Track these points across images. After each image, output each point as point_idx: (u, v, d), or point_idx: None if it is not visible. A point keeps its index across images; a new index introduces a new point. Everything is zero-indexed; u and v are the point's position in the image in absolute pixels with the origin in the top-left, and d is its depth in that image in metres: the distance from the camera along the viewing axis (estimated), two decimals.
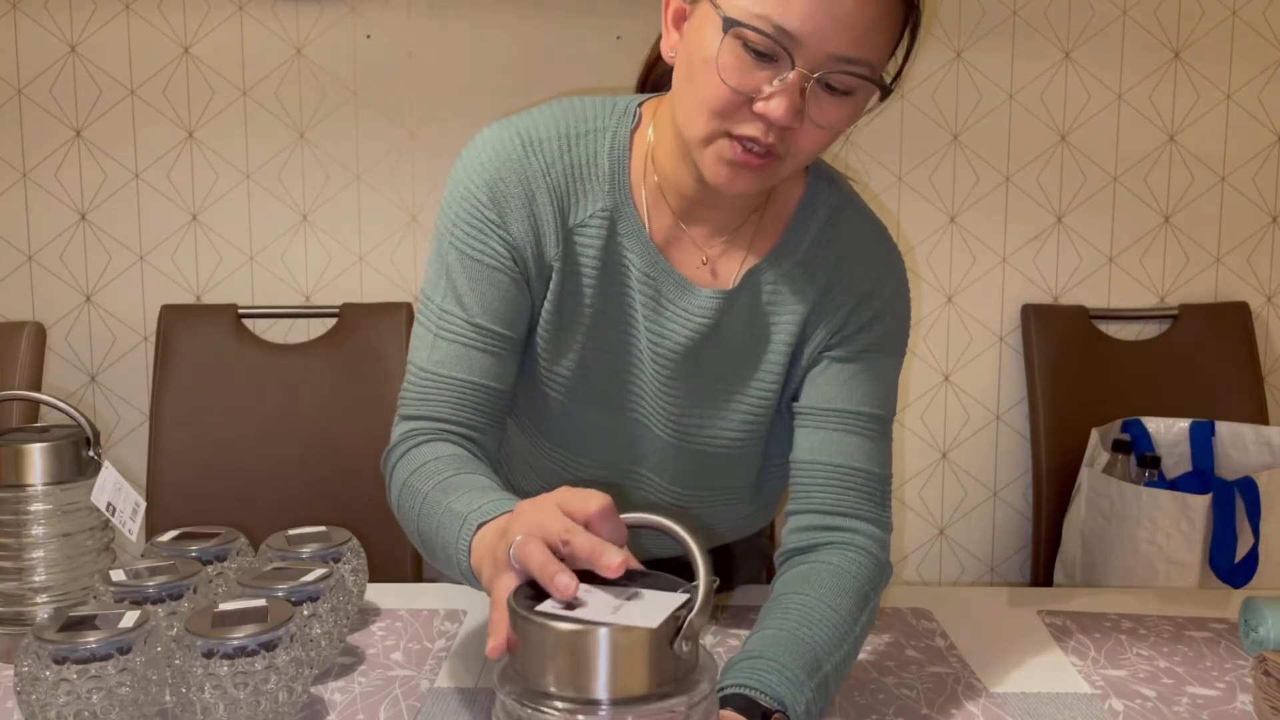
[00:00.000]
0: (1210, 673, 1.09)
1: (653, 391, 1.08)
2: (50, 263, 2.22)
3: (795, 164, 0.96)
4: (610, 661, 0.65)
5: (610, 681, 0.65)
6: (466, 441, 1.03)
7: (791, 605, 0.97)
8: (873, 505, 1.06)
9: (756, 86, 0.90)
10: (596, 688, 0.65)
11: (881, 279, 1.09)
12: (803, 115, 0.91)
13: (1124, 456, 1.99)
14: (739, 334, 1.07)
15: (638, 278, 1.05)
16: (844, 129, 0.96)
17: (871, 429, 1.07)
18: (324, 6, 2.15)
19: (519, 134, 1.03)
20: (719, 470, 1.13)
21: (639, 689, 0.66)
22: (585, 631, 0.65)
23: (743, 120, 0.92)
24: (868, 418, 1.07)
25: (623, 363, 1.08)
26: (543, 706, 0.66)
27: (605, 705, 0.65)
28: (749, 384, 1.08)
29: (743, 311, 1.07)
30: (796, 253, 1.07)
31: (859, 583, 1.01)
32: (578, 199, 1.04)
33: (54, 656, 0.88)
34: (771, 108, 0.90)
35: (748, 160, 0.93)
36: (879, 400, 1.08)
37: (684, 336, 1.06)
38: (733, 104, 0.91)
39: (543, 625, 0.66)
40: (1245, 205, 2.27)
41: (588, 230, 1.04)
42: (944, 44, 2.19)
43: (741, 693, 0.87)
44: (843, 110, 0.93)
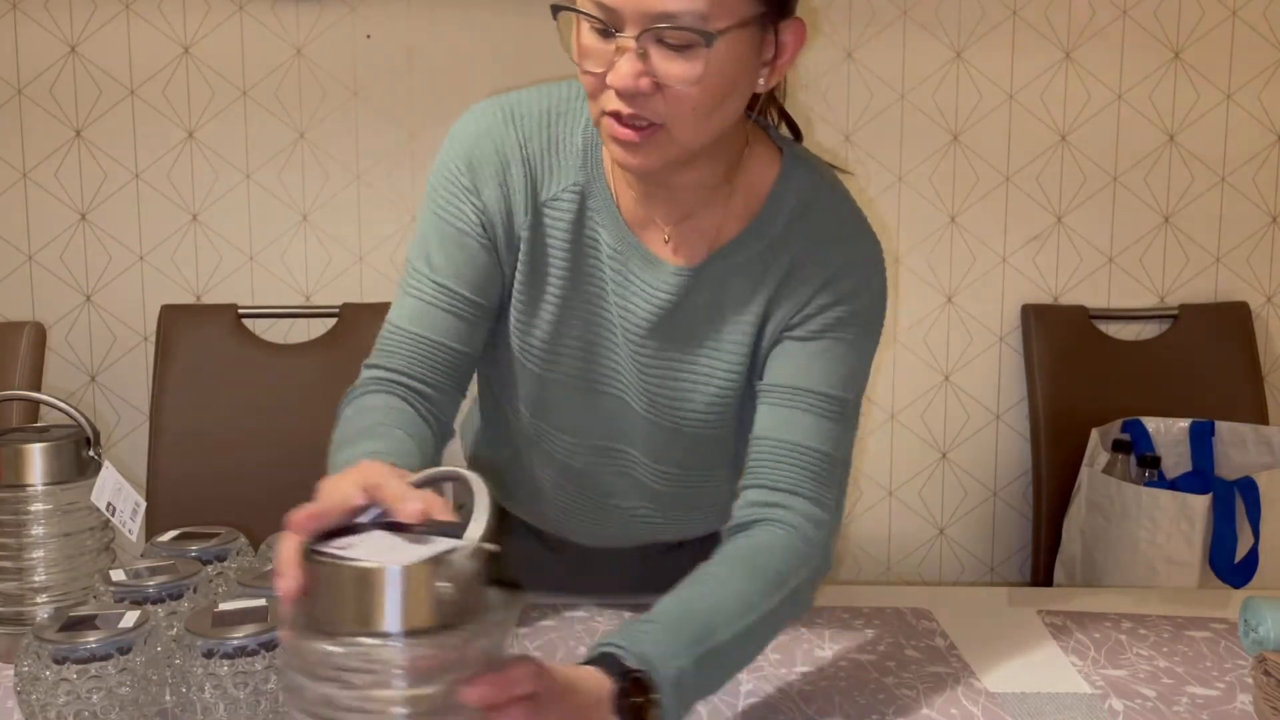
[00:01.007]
0: (1210, 673, 1.09)
1: (626, 366, 1.10)
2: (50, 263, 2.22)
3: (685, 130, 0.96)
4: (366, 596, 0.69)
5: (363, 615, 0.69)
6: (416, 396, 1.06)
7: (701, 576, 0.98)
8: (816, 484, 1.05)
9: (603, 61, 0.94)
10: (361, 620, 0.69)
11: (851, 262, 1.09)
12: (650, 77, 0.93)
13: (1124, 456, 1.99)
14: (703, 311, 1.08)
15: (607, 252, 1.08)
16: (716, 85, 0.94)
17: (827, 409, 1.06)
18: (324, 6, 2.15)
19: (503, 109, 1.09)
20: (696, 448, 1.13)
21: (390, 624, 0.69)
22: (338, 568, 0.70)
23: (606, 97, 0.95)
24: (824, 397, 1.06)
25: (596, 336, 1.10)
26: (317, 639, 0.70)
27: (364, 636, 0.69)
28: (715, 361, 1.10)
29: (707, 290, 1.08)
30: (765, 236, 1.08)
31: (777, 560, 1.00)
32: (551, 173, 1.07)
33: (54, 656, 0.88)
34: (615, 75, 0.93)
35: (624, 134, 0.95)
36: (839, 382, 1.07)
37: (649, 311, 1.08)
38: (596, 85, 0.95)
39: (313, 565, 0.71)
40: (1245, 205, 2.27)
41: (559, 204, 1.07)
42: (944, 44, 2.19)
43: (609, 651, 0.88)
44: (694, 66, 0.92)
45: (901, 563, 2.33)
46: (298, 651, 0.71)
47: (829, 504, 1.05)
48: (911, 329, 2.25)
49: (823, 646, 1.15)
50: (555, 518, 1.27)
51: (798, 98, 2.21)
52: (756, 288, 1.07)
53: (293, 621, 0.72)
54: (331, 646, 0.69)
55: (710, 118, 0.97)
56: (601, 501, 1.21)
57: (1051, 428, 2.16)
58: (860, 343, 1.10)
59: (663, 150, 0.97)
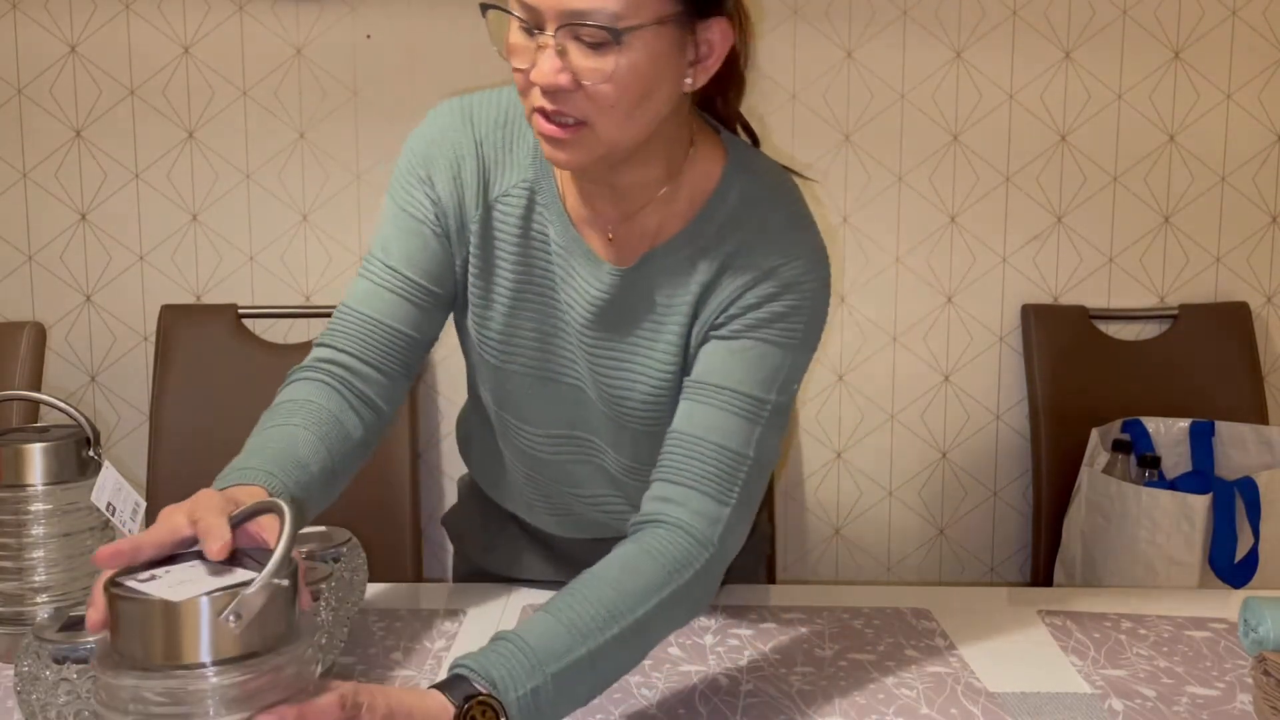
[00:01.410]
0: (1210, 673, 1.09)
1: (575, 356, 1.14)
2: (50, 263, 2.22)
3: (609, 127, 0.98)
4: (166, 629, 0.72)
5: (164, 648, 0.72)
6: (355, 379, 1.11)
7: (576, 585, 0.97)
8: (721, 481, 1.04)
9: (528, 59, 0.97)
10: (155, 653, 0.72)
11: (784, 265, 1.08)
12: (569, 73, 0.95)
13: (1124, 456, 1.99)
14: (638, 308, 1.11)
15: (554, 247, 1.11)
16: (636, 84, 0.96)
17: (743, 408, 1.06)
18: (324, 6, 2.15)
19: (463, 108, 1.14)
20: (648, 441, 1.14)
21: (191, 656, 0.72)
22: (141, 602, 0.73)
23: (532, 94, 0.98)
24: (742, 396, 1.06)
25: (550, 328, 1.14)
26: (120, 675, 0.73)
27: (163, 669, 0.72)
28: (650, 357, 1.12)
29: (641, 287, 1.10)
30: (702, 236, 1.09)
31: (657, 565, 0.99)
32: (504, 170, 1.12)
33: (54, 656, 0.89)
34: (536, 72, 0.96)
35: (551, 131, 0.98)
36: (760, 382, 1.07)
37: (588, 306, 1.11)
38: (525, 83, 0.98)
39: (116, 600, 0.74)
40: (1245, 205, 2.27)
41: (509, 200, 1.11)
42: (944, 44, 2.19)
43: (460, 673, 0.88)
44: (606, 63, 0.95)
45: (901, 563, 2.33)
46: (101, 685, 0.73)
47: (729, 500, 1.04)
48: (911, 329, 2.25)
49: (823, 646, 1.15)
50: (532, 508, 1.29)
51: (798, 98, 2.21)
52: (688, 285, 1.09)
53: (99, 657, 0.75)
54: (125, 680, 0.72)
55: (633, 116, 0.98)
56: (571, 492, 1.24)
57: (1051, 428, 2.16)
58: (788, 345, 1.09)
59: (589, 147, 0.99)
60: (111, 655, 0.74)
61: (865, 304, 2.24)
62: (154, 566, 0.79)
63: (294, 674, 0.76)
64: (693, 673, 1.09)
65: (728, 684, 1.07)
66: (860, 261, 2.23)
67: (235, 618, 0.72)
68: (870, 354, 2.26)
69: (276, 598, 0.75)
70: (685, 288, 1.09)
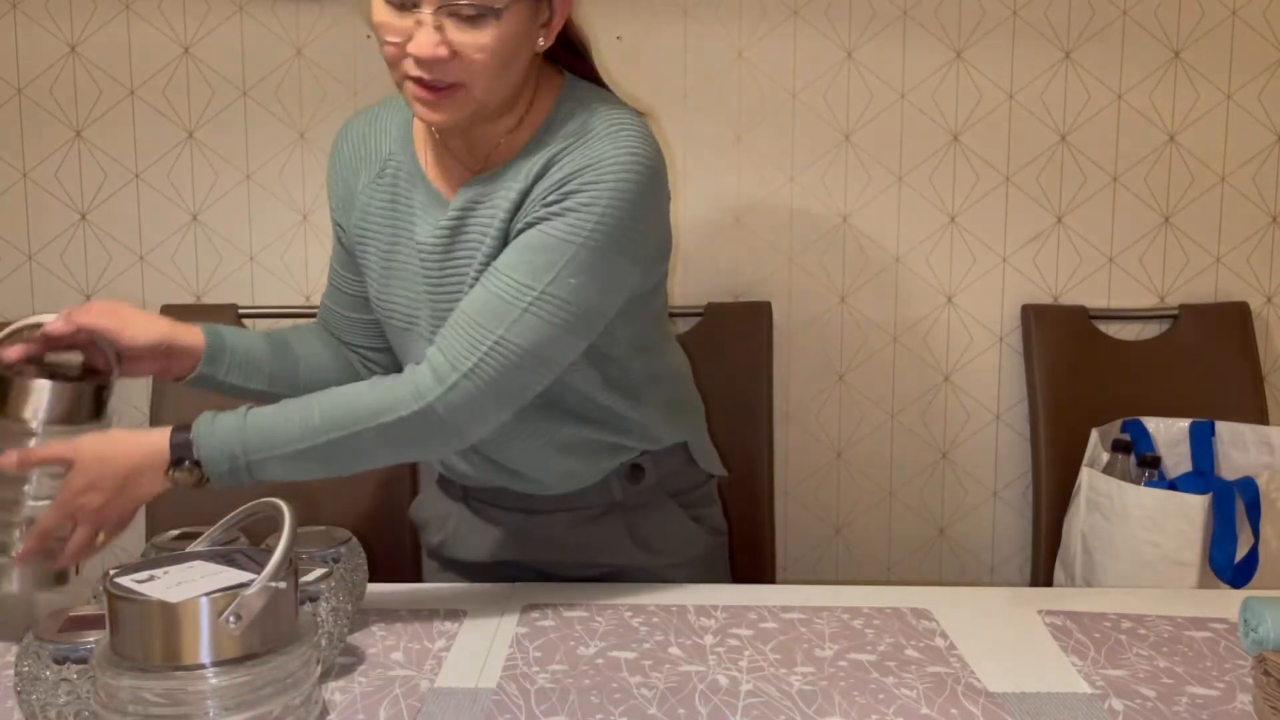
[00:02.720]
0: (1210, 673, 1.09)
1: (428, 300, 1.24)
2: (50, 263, 2.22)
3: (482, 88, 1.12)
4: (165, 630, 0.73)
5: (163, 649, 0.73)
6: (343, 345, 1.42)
7: (310, 396, 1.16)
8: (457, 347, 1.12)
9: (404, 34, 1.09)
10: (154, 654, 0.74)
11: (589, 167, 1.14)
12: (448, 46, 1.07)
13: (1124, 456, 1.99)
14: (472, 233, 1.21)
15: (418, 207, 1.25)
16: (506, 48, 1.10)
17: (504, 290, 1.13)
18: (324, 6, 2.15)
19: (349, 121, 1.35)
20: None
21: (190, 657, 0.73)
22: (140, 603, 0.74)
23: (407, 65, 1.11)
24: (504, 278, 1.13)
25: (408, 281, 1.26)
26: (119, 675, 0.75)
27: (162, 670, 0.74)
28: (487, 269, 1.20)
29: (476, 209, 1.21)
30: (529, 155, 1.19)
31: (376, 397, 1.13)
32: (375, 153, 1.29)
33: (54, 656, 0.89)
34: (415, 46, 1.08)
35: (426, 95, 1.11)
36: (530, 269, 1.13)
37: (433, 241, 1.23)
38: (396, 55, 1.11)
39: (116, 600, 0.76)
40: (1245, 205, 2.27)
41: (381, 180, 1.28)
42: (944, 44, 2.19)
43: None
44: (484, 35, 1.08)
45: (901, 563, 2.33)
46: (101, 686, 0.74)
47: (464, 368, 1.11)
48: (911, 329, 2.25)
49: (823, 646, 1.15)
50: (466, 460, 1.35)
51: (798, 98, 2.21)
52: (513, 191, 1.19)
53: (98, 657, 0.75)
54: (125, 681, 0.72)
55: (501, 76, 1.12)
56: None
57: (1051, 428, 2.16)
58: (571, 240, 1.13)
59: (461, 105, 1.12)
60: (111, 656, 0.74)
61: (865, 304, 2.24)
62: (154, 566, 0.79)
63: (294, 674, 0.76)
64: (693, 673, 1.09)
65: (728, 684, 1.07)
66: (860, 261, 2.23)
67: (235, 619, 0.72)
68: (870, 354, 2.26)
69: (276, 598, 0.75)
70: (511, 192, 1.19)
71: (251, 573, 0.77)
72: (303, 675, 0.77)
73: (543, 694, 1.03)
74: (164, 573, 0.78)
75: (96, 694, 0.75)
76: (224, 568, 0.79)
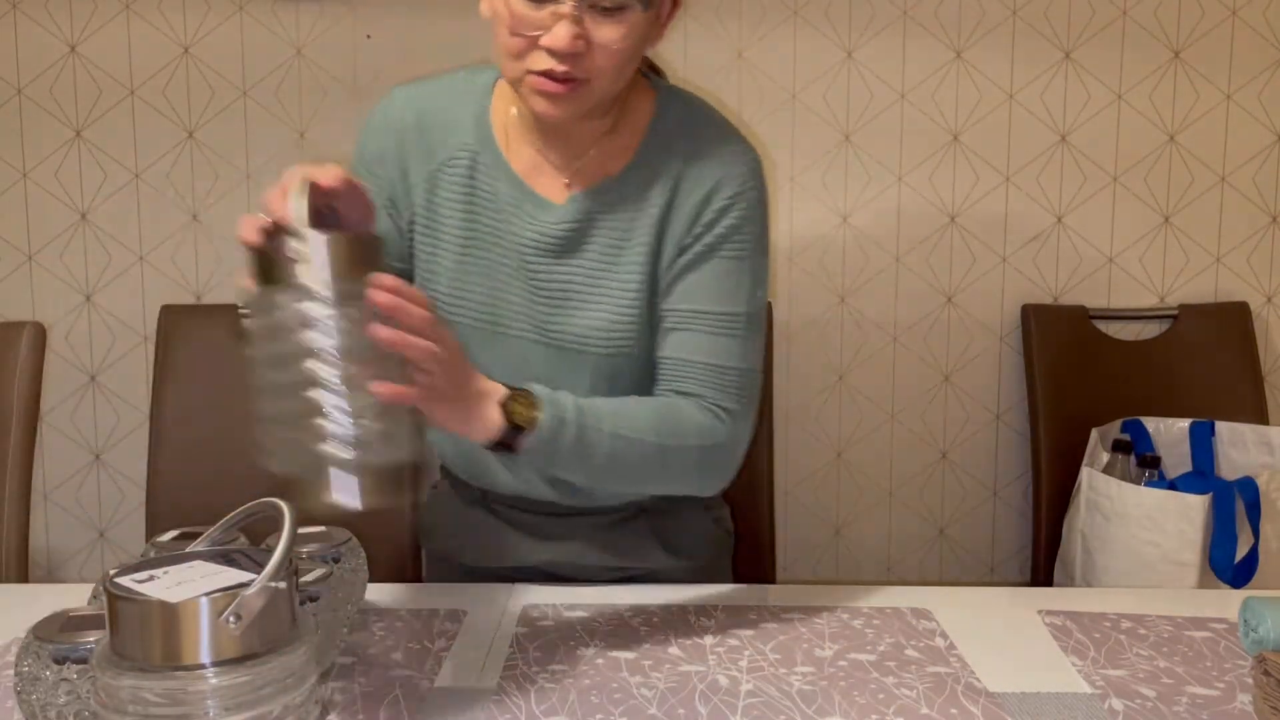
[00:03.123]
0: (1210, 673, 1.09)
1: (526, 304, 1.21)
2: (50, 263, 2.22)
3: (603, 82, 1.10)
4: (165, 630, 0.73)
5: (163, 649, 0.73)
6: None
7: (629, 401, 1.14)
8: (725, 395, 1.17)
9: (538, 26, 1.06)
10: (154, 654, 0.73)
11: (728, 175, 1.19)
12: (586, 39, 1.06)
13: (1124, 456, 1.99)
14: (598, 239, 1.19)
15: (504, 202, 1.20)
16: (635, 42, 1.09)
17: (720, 326, 1.17)
18: (324, 6, 2.15)
19: (409, 90, 1.26)
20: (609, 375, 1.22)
21: (190, 657, 0.73)
22: (140, 603, 0.73)
23: (536, 58, 1.08)
24: (723, 316, 1.18)
25: (496, 283, 1.21)
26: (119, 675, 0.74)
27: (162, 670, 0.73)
28: (611, 284, 1.20)
29: (599, 218, 1.19)
30: (648, 164, 1.19)
31: (681, 411, 1.15)
32: (444, 141, 1.22)
33: (54, 656, 0.89)
34: (553, 39, 1.05)
35: (553, 88, 1.08)
36: (729, 297, 1.18)
37: (548, 245, 1.19)
38: (524, 47, 1.08)
39: (116, 600, 0.75)
40: (1245, 205, 2.27)
41: (453, 166, 1.22)
42: (944, 44, 2.19)
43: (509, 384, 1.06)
44: (620, 27, 1.07)
45: (901, 563, 2.33)
46: (101, 686, 0.74)
47: (736, 410, 1.18)
48: (911, 329, 2.25)
49: (823, 646, 1.15)
50: (490, 472, 1.33)
51: (798, 98, 2.21)
52: (645, 212, 1.19)
53: (98, 657, 0.76)
54: (124, 681, 0.72)
55: (623, 72, 1.12)
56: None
57: (1051, 428, 2.16)
58: (745, 256, 1.19)
59: (582, 101, 1.11)
60: (111, 656, 0.74)
61: (865, 304, 2.24)
62: (154, 566, 0.79)
63: (294, 674, 0.76)
64: (693, 673, 1.09)
65: (728, 684, 1.07)
66: (860, 261, 2.23)
67: (235, 619, 0.72)
68: (870, 354, 2.26)
69: (276, 598, 0.75)
70: (644, 212, 1.19)
71: (251, 573, 0.77)
72: (303, 675, 0.77)
73: (543, 694, 1.03)
74: (164, 573, 0.78)
75: (96, 694, 0.75)
76: (224, 568, 0.79)
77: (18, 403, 1.82)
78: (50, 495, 2.29)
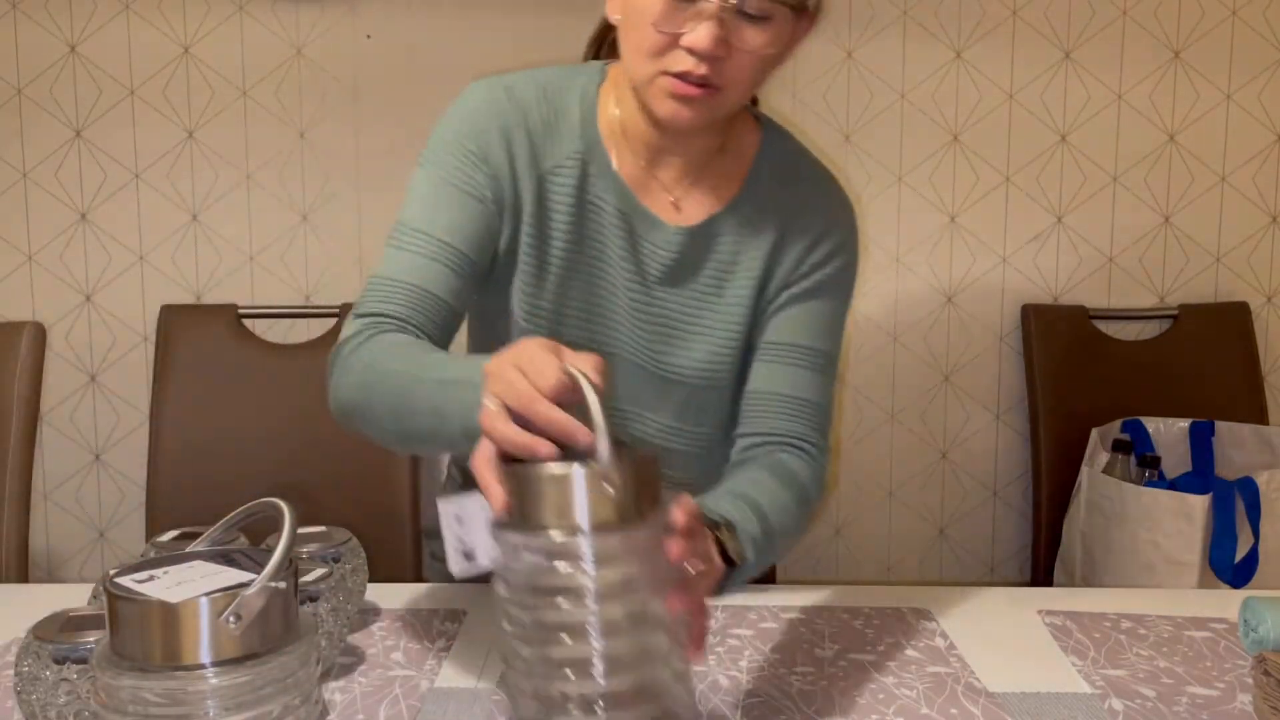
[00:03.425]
0: (1210, 673, 1.09)
1: (627, 323, 1.18)
2: (50, 263, 2.22)
3: (734, 93, 1.07)
4: (165, 630, 0.73)
5: (163, 649, 0.73)
6: (422, 337, 1.08)
7: (738, 474, 1.11)
8: (815, 433, 1.18)
9: (681, 24, 1.02)
10: (154, 654, 0.73)
11: (834, 222, 1.20)
12: (727, 44, 1.02)
13: (1124, 456, 1.99)
14: (706, 269, 1.17)
15: (611, 215, 1.15)
16: (774, 54, 1.06)
17: (815, 362, 1.18)
18: (324, 6, 2.15)
19: (502, 85, 1.16)
20: (698, 405, 1.21)
21: (190, 657, 0.73)
22: (140, 603, 0.73)
23: (674, 58, 1.03)
24: (814, 352, 1.18)
25: (599, 297, 1.17)
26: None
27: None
28: (717, 316, 1.18)
29: (709, 248, 1.17)
30: (756, 197, 1.18)
31: (794, 473, 1.13)
32: (552, 144, 1.15)
33: (54, 656, 0.88)
34: (696, 39, 1.01)
35: (687, 90, 1.04)
36: (826, 336, 1.19)
37: (655, 269, 1.16)
38: (663, 44, 1.03)
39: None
40: (1245, 205, 2.27)
41: (562, 172, 1.15)
42: (944, 44, 2.19)
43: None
44: (764, 35, 1.04)
45: (901, 563, 2.33)
46: (101, 686, 0.75)
47: (824, 446, 1.19)
48: (911, 329, 2.25)
49: (823, 646, 1.15)
50: None
51: (798, 98, 2.21)
52: (754, 246, 1.17)
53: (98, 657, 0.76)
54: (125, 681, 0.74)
55: (755, 84, 1.08)
56: None
57: (1051, 428, 2.16)
58: (842, 297, 1.22)
59: (712, 110, 1.07)
60: (111, 656, 0.74)
61: (865, 304, 2.24)
62: (154, 566, 0.79)
63: (294, 674, 0.76)
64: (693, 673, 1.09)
65: (728, 684, 1.07)
66: (860, 261, 2.23)
67: (235, 619, 0.72)
68: (870, 354, 2.26)
69: (276, 598, 0.75)
70: (754, 246, 1.17)
71: (251, 573, 0.77)
72: (303, 675, 0.77)
73: None
74: (164, 573, 0.78)
75: (96, 694, 0.75)
76: (224, 568, 0.79)
77: (18, 403, 1.82)
78: (50, 495, 2.29)
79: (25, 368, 1.91)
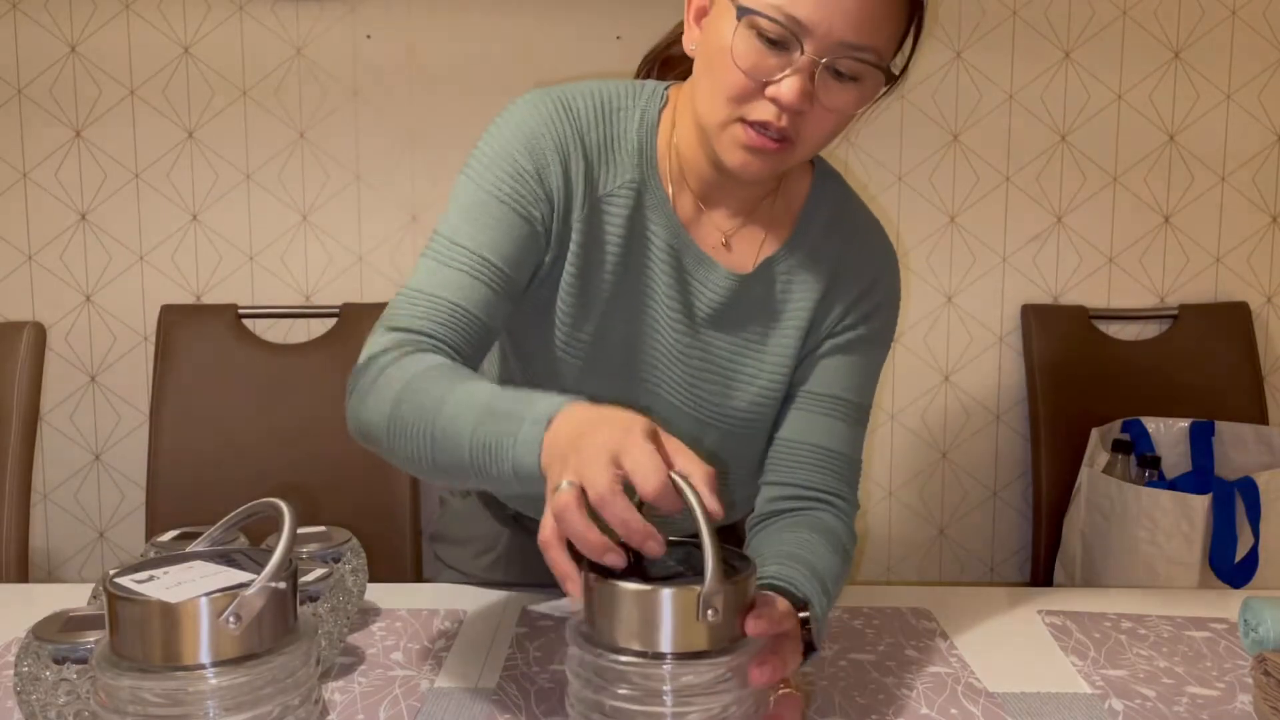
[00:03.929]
0: (1210, 673, 1.09)
1: (668, 361, 1.13)
2: (50, 263, 2.22)
3: (806, 149, 1.02)
4: (165, 630, 0.72)
5: (163, 649, 0.72)
6: (458, 359, 1.03)
7: (790, 538, 1.06)
8: (845, 486, 1.15)
9: (769, 72, 0.96)
10: (154, 654, 0.72)
11: (882, 272, 1.17)
12: (812, 99, 0.97)
13: (1124, 456, 1.99)
14: (754, 315, 1.14)
15: (661, 249, 1.10)
16: (851, 114, 1.01)
17: (849, 414, 1.15)
18: (324, 6, 2.15)
19: (558, 99, 1.08)
20: (731, 448, 1.18)
21: (190, 657, 0.72)
22: (140, 603, 0.72)
23: (756, 106, 0.98)
24: (850, 404, 1.16)
25: (641, 331, 1.13)
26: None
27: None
28: (761, 362, 1.15)
29: (758, 294, 1.13)
30: (807, 244, 1.14)
31: (839, 535, 1.11)
32: (607, 168, 1.09)
33: (54, 656, 0.88)
34: (783, 90, 0.96)
35: (763, 144, 0.99)
36: (862, 388, 1.16)
37: (703, 310, 1.12)
38: (747, 90, 0.98)
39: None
40: (1245, 205, 2.27)
41: (615, 200, 1.09)
42: (944, 44, 2.19)
43: (776, 584, 0.96)
44: (849, 95, 0.99)
45: (901, 563, 2.33)
46: (101, 686, 0.75)
47: (854, 500, 1.17)
48: (911, 329, 2.25)
49: (823, 646, 1.15)
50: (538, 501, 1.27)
51: None
52: (802, 294, 1.14)
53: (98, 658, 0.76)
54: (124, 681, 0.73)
55: (828, 141, 1.04)
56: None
57: (1051, 428, 2.16)
58: (883, 349, 1.19)
59: (782, 163, 1.03)
60: (111, 656, 0.74)
61: None
62: (154, 566, 0.79)
63: (294, 674, 0.76)
64: None
65: None
66: None
67: (235, 619, 0.72)
68: None
69: (276, 598, 0.75)
70: (804, 294, 1.14)
71: (251, 573, 0.76)
72: (303, 675, 0.77)
73: (543, 694, 1.03)
74: (164, 573, 0.78)
75: (96, 694, 0.75)
76: (224, 568, 0.79)
77: (17, 403, 1.82)
78: (50, 495, 2.29)
79: (25, 368, 1.91)
